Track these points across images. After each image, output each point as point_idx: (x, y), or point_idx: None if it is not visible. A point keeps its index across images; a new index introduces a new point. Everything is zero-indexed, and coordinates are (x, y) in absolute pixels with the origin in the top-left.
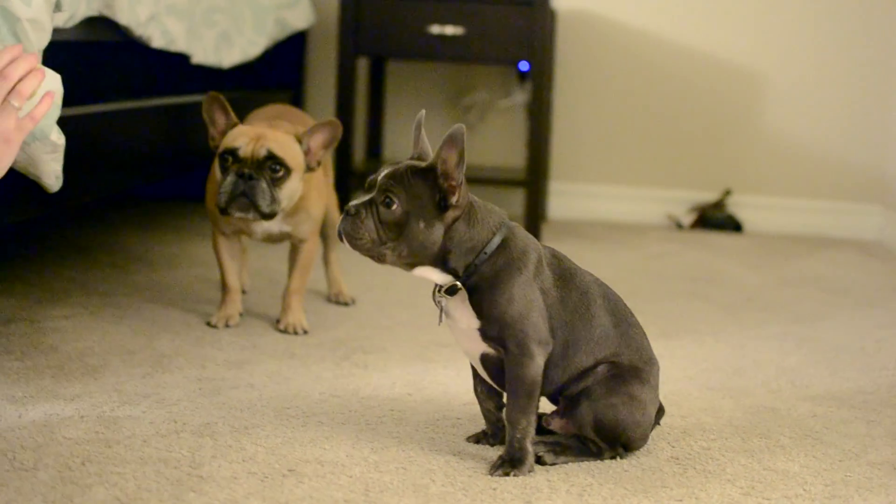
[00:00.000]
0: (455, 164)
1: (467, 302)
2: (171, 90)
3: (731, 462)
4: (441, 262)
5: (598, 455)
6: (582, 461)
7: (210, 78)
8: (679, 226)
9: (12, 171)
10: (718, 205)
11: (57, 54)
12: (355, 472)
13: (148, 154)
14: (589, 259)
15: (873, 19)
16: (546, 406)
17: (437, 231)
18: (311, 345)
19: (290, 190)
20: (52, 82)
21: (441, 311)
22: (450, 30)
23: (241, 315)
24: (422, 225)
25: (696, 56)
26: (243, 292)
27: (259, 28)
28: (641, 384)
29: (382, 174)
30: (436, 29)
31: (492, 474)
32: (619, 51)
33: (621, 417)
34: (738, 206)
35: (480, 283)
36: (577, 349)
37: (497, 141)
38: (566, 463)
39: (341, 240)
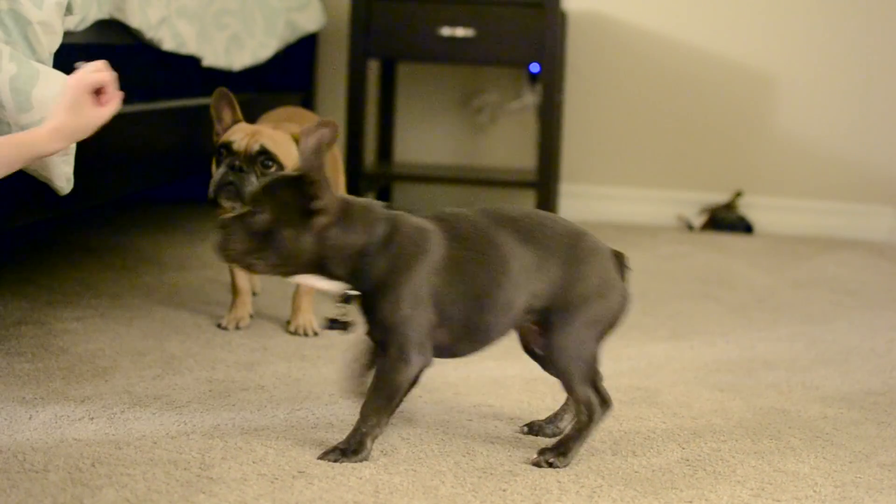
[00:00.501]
0: (318, 168)
1: (360, 307)
2: (182, 93)
3: (741, 463)
4: (320, 268)
5: (589, 420)
6: (585, 441)
7: (220, 81)
8: (690, 227)
9: (23, 174)
10: (729, 206)
11: (68, 57)
12: (365, 474)
13: (159, 156)
14: None
15: (885, 21)
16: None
17: (307, 238)
18: (321, 346)
19: None
20: (62, 85)
21: (345, 325)
22: (460, 32)
23: (251, 317)
24: (290, 233)
25: (706, 57)
26: (254, 294)
27: (270, 30)
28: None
29: (254, 187)
30: (446, 31)
31: (323, 458)
32: (630, 52)
33: (583, 351)
34: (749, 208)
35: (370, 289)
36: (500, 295)
37: (508, 143)
38: (575, 456)
39: (229, 198)
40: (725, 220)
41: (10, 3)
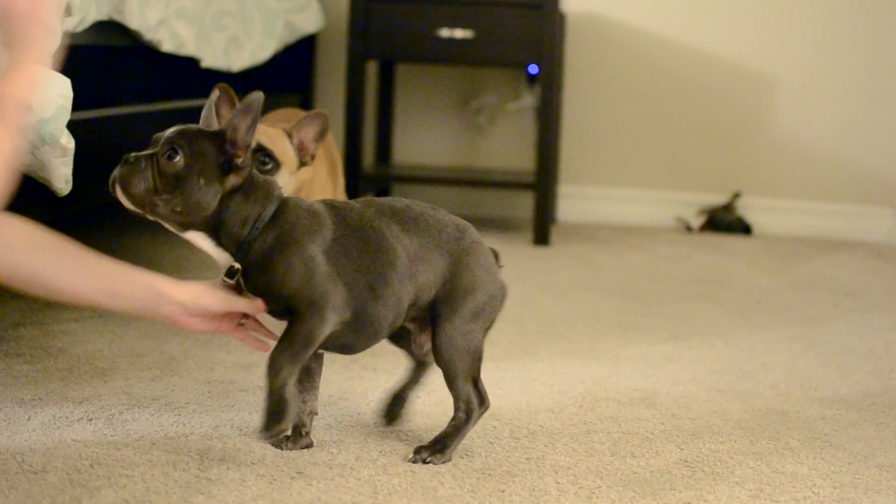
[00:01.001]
0: (245, 131)
1: (244, 283)
2: (181, 94)
3: (739, 464)
4: (213, 231)
5: (467, 418)
6: (463, 438)
7: (219, 82)
8: (688, 228)
9: (22, 175)
10: (728, 207)
11: (67, 58)
12: (364, 475)
13: None
14: (596, 262)
15: (884, 21)
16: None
17: (215, 192)
18: None
19: (281, 184)
20: (62, 86)
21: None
22: (459, 33)
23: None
24: (202, 182)
25: (705, 58)
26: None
27: (268, 32)
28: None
29: (170, 131)
30: (445, 32)
31: (261, 438)
32: (628, 53)
33: (470, 343)
34: (748, 209)
35: (253, 265)
36: (388, 286)
37: (506, 144)
38: (453, 452)
39: (112, 190)
40: (724, 222)
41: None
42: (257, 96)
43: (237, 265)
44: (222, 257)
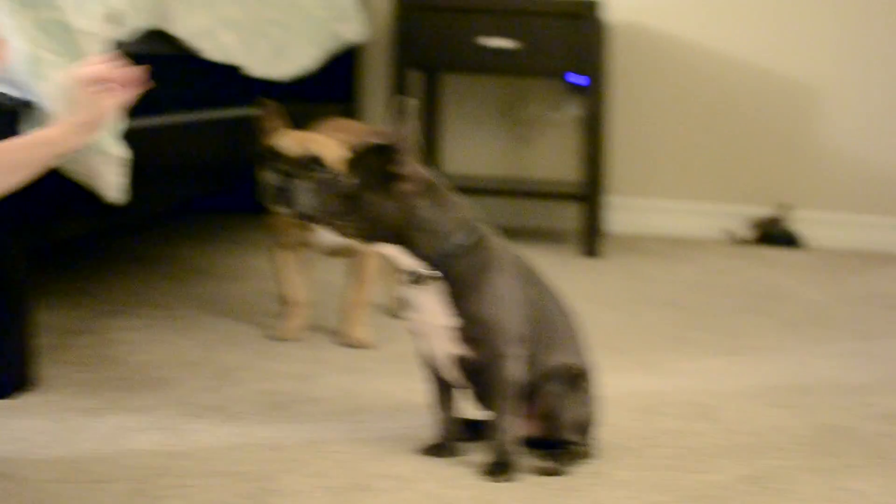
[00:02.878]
0: (405, 138)
1: (442, 298)
2: (224, 102)
3: (800, 481)
4: (405, 242)
5: (580, 452)
6: (576, 461)
7: (264, 90)
8: (737, 241)
9: (76, 184)
10: (776, 220)
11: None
12: (426, 487)
13: (206, 166)
14: (647, 274)
15: None
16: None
17: (391, 204)
18: (375, 359)
19: None
20: None
21: (407, 303)
22: (503, 42)
23: (305, 328)
24: (373, 197)
25: (751, 69)
26: (307, 306)
27: (313, 41)
28: (591, 383)
29: (336, 150)
30: (489, 42)
31: (490, 479)
32: (673, 64)
33: (594, 414)
34: (797, 221)
35: (457, 280)
36: (544, 349)
37: (551, 154)
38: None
39: (279, 203)
40: (773, 234)
41: (57, 12)
42: (411, 102)
43: (427, 272)
44: (415, 266)
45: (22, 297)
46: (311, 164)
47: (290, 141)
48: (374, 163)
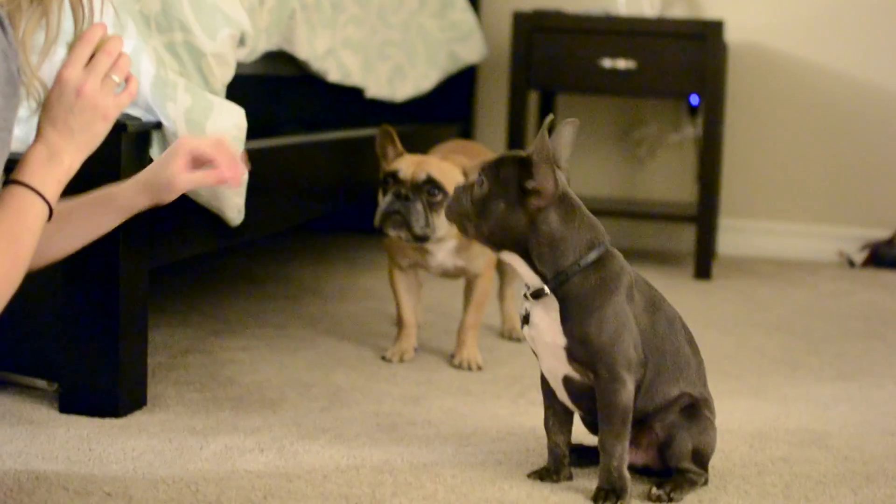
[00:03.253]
0: (544, 156)
1: (556, 315)
2: (345, 124)
3: None
4: (527, 253)
5: (695, 480)
6: (690, 490)
7: (382, 111)
8: (851, 263)
9: (195, 205)
10: (891, 242)
11: (238, 88)
12: None
13: (323, 186)
14: (760, 297)
15: None
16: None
17: (519, 216)
18: (486, 381)
19: None
20: (237, 116)
21: (525, 315)
22: (621, 63)
23: (415, 350)
24: (502, 205)
25: (868, 90)
26: (418, 327)
27: (432, 62)
28: (711, 412)
29: (486, 159)
30: (607, 62)
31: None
32: (791, 84)
33: (713, 444)
34: None
35: (571, 299)
36: (664, 378)
37: (667, 175)
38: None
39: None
40: (887, 257)
41: (185, 35)
42: (571, 121)
43: (547, 290)
44: (533, 280)
45: (141, 317)
46: (428, 187)
47: (407, 164)
48: (511, 173)
